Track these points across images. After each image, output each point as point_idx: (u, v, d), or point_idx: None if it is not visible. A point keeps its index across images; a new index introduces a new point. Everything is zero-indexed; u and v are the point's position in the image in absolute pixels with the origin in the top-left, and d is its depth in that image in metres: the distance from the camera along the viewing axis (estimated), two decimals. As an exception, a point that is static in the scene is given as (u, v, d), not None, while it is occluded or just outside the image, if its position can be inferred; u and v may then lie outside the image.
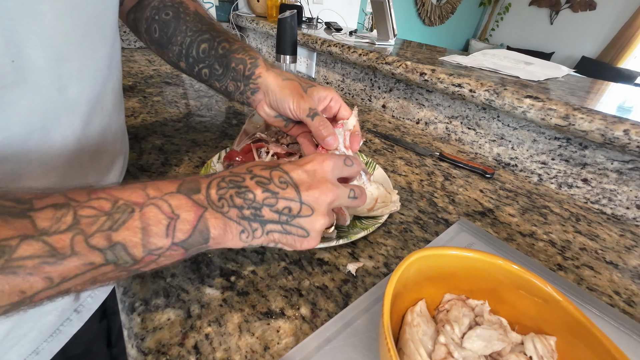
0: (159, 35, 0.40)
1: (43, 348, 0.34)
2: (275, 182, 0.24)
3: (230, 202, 0.23)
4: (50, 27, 0.24)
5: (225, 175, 0.24)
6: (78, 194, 0.19)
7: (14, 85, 0.23)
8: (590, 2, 3.48)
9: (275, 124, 0.40)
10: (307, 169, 0.26)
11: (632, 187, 0.48)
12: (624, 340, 0.29)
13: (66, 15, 0.25)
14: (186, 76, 0.94)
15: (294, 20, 0.75)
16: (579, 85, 0.65)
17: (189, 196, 0.22)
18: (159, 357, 0.24)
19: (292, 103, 0.35)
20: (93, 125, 0.32)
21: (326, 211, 0.26)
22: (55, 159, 0.28)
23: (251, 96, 0.38)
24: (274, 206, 0.24)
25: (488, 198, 0.50)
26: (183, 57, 0.40)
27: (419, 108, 0.74)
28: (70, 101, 0.28)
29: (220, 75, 0.39)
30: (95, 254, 0.18)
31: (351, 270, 0.33)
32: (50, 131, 0.27)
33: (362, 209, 0.37)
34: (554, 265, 0.38)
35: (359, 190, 0.29)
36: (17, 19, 0.22)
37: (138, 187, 0.21)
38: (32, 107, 0.24)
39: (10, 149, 0.24)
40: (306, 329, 0.27)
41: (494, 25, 4.40)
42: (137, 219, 0.19)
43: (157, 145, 0.54)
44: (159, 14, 0.39)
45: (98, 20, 0.29)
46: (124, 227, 0.19)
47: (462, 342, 0.24)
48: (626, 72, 3.18)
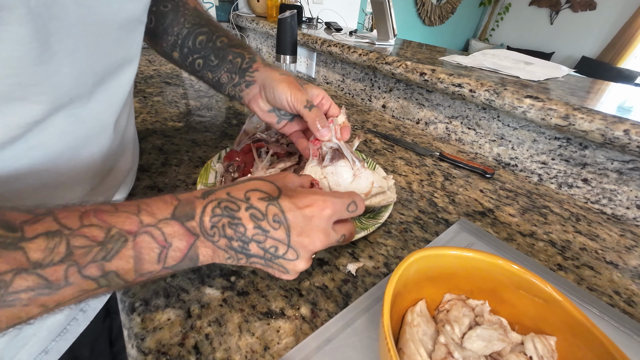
0: (154, 25, 0.40)
1: (52, 347, 0.34)
2: (268, 219, 0.24)
3: (221, 231, 0.23)
4: (102, 62, 0.26)
5: (222, 198, 0.24)
6: (70, 219, 0.19)
7: (55, 109, 0.23)
8: (590, 2, 3.48)
9: (268, 120, 0.40)
10: (306, 213, 0.25)
11: (632, 187, 0.48)
12: (624, 340, 0.29)
13: (113, 50, 0.26)
14: (187, 76, 0.94)
15: (294, 20, 0.75)
16: (579, 85, 0.65)
17: (183, 223, 0.22)
18: (159, 357, 0.24)
19: (289, 95, 0.35)
20: (115, 142, 0.32)
21: (309, 257, 0.26)
22: (82, 175, 0.29)
23: (245, 89, 0.39)
24: (262, 243, 0.24)
25: (488, 198, 0.50)
26: (178, 47, 0.40)
27: (419, 108, 0.74)
28: (100, 122, 0.29)
29: (215, 66, 0.39)
30: (89, 282, 0.18)
31: (351, 270, 0.33)
32: (80, 149, 0.27)
33: (360, 193, 0.37)
34: (554, 265, 0.38)
35: (349, 234, 0.29)
36: (84, 55, 0.23)
37: (132, 212, 0.21)
38: (65, 127, 0.25)
39: (44, 166, 0.25)
40: (306, 329, 0.27)
41: (494, 25, 4.40)
42: (130, 248, 0.20)
43: (157, 145, 0.54)
44: (156, 5, 0.40)
45: (131, 48, 0.30)
46: (117, 257, 0.19)
47: (462, 342, 0.24)
48: (626, 72, 3.18)
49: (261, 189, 0.25)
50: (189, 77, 0.93)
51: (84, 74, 0.24)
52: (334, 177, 0.36)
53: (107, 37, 0.26)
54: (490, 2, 4.28)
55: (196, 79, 0.92)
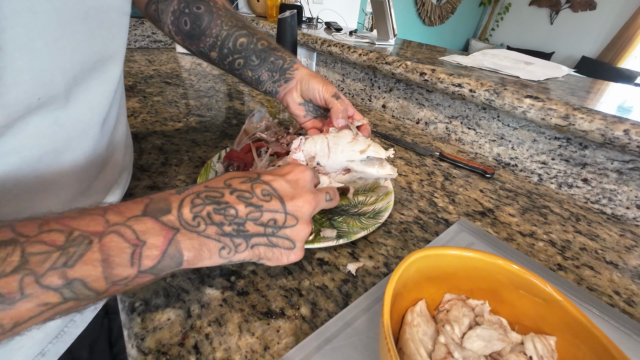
0: (190, 27, 0.41)
1: (49, 349, 0.34)
2: (257, 195, 0.24)
3: (207, 219, 0.22)
4: (70, 58, 0.24)
5: (199, 190, 0.23)
6: (28, 227, 0.17)
7: (25, 110, 0.22)
8: (590, 2, 3.48)
9: (295, 112, 0.45)
10: (290, 178, 0.26)
11: (632, 187, 0.48)
12: (624, 340, 0.29)
13: (83, 44, 0.25)
14: (186, 76, 0.94)
15: (294, 20, 0.75)
16: (579, 85, 0.65)
17: (157, 218, 0.20)
18: (159, 357, 0.24)
19: (321, 87, 0.41)
20: (102, 143, 0.32)
21: (309, 220, 0.26)
22: (66, 178, 0.28)
23: (284, 84, 0.44)
24: (259, 219, 0.23)
25: (488, 198, 0.50)
26: (217, 48, 0.43)
27: (419, 108, 0.74)
28: (81, 124, 0.28)
29: (256, 65, 0.43)
30: (50, 294, 0.16)
31: (351, 270, 0.33)
32: (61, 153, 0.26)
33: (355, 152, 0.37)
34: (554, 265, 0.38)
35: (332, 192, 0.30)
36: (43, 49, 0.22)
37: (97, 214, 0.19)
38: (41, 130, 0.24)
39: (22, 172, 0.24)
40: (306, 329, 0.28)
41: (494, 25, 4.40)
42: (96, 250, 0.18)
43: (157, 145, 0.54)
44: (189, 7, 0.41)
45: (111, 43, 0.29)
46: (81, 262, 0.17)
47: (462, 342, 0.24)
48: (626, 72, 3.18)
49: (238, 176, 0.25)
50: (189, 77, 0.93)
51: (48, 70, 0.22)
52: (335, 138, 0.38)
53: (72, 29, 0.23)
54: (490, 2, 4.28)
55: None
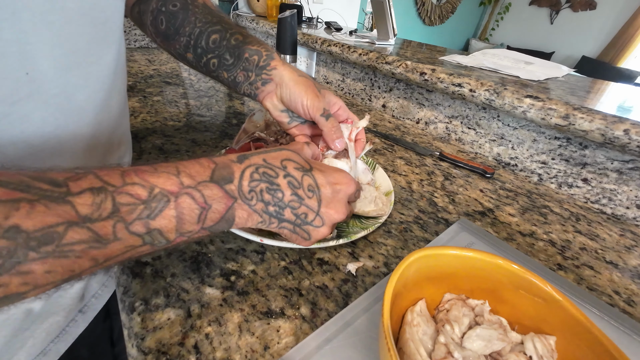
0: (165, 26, 0.38)
1: (50, 349, 0.34)
2: (304, 188, 0.26)
3: (259, 196, 0.25)
4: (59, 36, 0.24)
5: (259, 164, 0.25)
6: (112, 177, 0.19)
7: (28, 97, 0.23)
8: (590, 2, 3.47)
9: (279, 119, 0.39)
10: (336, 189, 0.28)
11: (632, 187, 0.48)
12: (624, 340, 0.29)
13: (74, 23, 0.25)
14: (187, 76, 0.94)
15: (294, 20, 0.75)
16: (579, 84, 0.65)
17: (222, 186, 0.23)
18: (159, 357, 0.24)
19: (306, 100, 0.34)
20: (101, 130, 0.32)
21: (332, 226, 0.29)
22: (66, 165, 0.28)
23: (261, 87, 0.37)
24: (296, 210, 0.26)
25: (488, 198, 0.50)
26: (191, 47, 0.39)
27: (419, 108, 0.74)
28: (78, 109, 0.28)
29: (230, 65, 0.38)
30: (135, 238, 0.19)
31: (351, 270, 0.33)
32: (62, 139, 0.27)
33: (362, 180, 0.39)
34: (554, 265, 0.38)
35: (350, 213, 0.31)
36: (30, 30, 0.22)
37: (171, 173, 0.21)
38: (45, 117, 0.25)
39: (27, 160, 0.25)
40: (306, 329, 0.28)
41: (494, 25, 4.40)
42: (172, 208, 0.21)
43: (157, 145, 0.54)
44: (165, 6, 0.38)
45: (104, 26, 0.29)
46: (160, 216, 0.20)
47: (462, 342, 0.24)
48: (626, 71, 3.18)
49: (294, 160, 0.27)
50: (189, 77, 0.93)
51: (33, 44, 0.23)
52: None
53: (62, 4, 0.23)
54: (491, 2, 4.28)
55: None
